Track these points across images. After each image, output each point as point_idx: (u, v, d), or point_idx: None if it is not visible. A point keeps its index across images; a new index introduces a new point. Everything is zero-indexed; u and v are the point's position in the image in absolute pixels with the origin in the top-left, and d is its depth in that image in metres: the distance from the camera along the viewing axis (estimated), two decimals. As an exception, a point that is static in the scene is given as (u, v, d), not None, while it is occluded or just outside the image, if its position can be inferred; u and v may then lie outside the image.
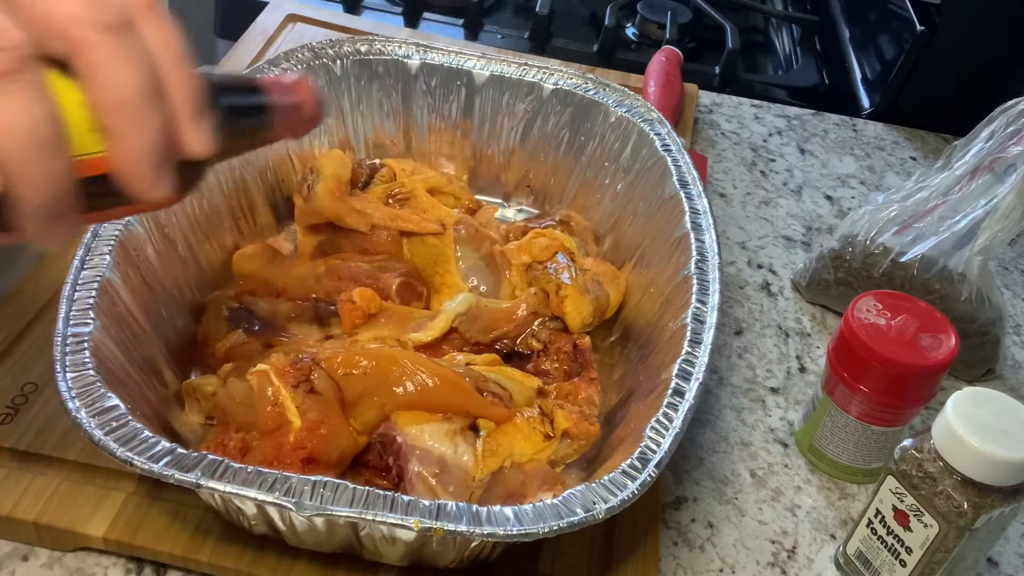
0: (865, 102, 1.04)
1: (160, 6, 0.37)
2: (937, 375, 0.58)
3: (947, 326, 0.59)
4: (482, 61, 0.76)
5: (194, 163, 0.38)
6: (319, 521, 0.45)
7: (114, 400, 0.47)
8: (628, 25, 1.14)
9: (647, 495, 0.47)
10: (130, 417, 0.47)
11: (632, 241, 0.69)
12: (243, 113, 0.42)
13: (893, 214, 0.72)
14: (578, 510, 0.45)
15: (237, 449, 0.51)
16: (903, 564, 0.52)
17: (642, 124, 0.71)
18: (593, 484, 0.47)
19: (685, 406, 0.51)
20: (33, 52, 0.33)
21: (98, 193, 0.36)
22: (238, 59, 0.87)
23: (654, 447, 0.49)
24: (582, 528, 0.45)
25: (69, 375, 0.48)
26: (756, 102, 1.02)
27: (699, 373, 0.53)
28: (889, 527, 0.53)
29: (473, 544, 0.47)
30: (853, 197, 0.90)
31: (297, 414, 0.51)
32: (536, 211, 0.78)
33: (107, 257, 0.54)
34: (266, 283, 0.64)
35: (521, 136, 0.77)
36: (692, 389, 0.52)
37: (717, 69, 1.07)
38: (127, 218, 0.56)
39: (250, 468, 0.45)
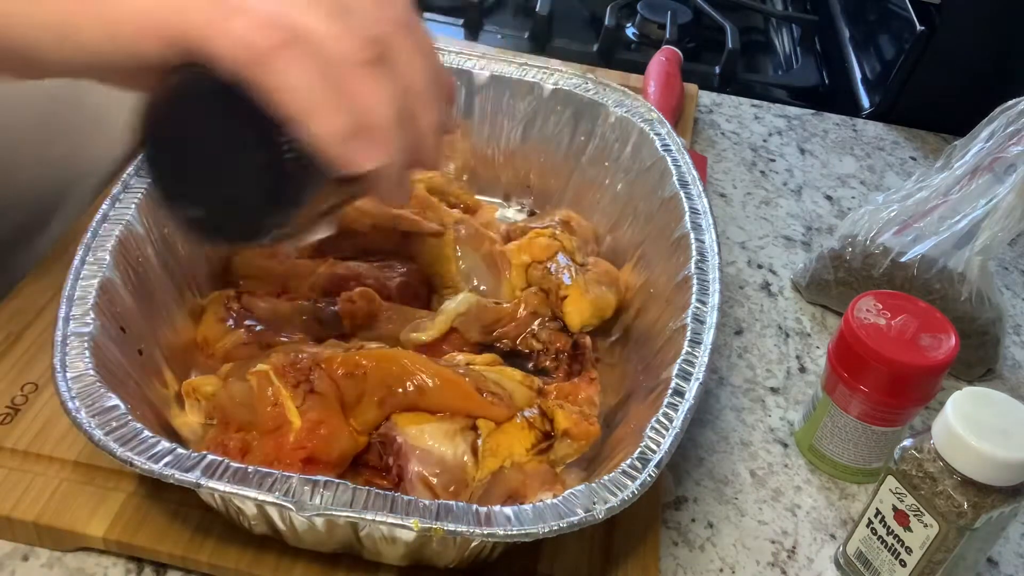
0: (865, 102, 1.04)
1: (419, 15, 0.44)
2: (937, 375, 0.58)
3: (947, 326, 0.59)
4: (482, 61, 0.76)
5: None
6: (319, 521, 0.45)
7: (114, 400, 0.47)
8: (628, 25, 1.14)
9: (647, 495, 0.47)
10: (130, 417, 0.47)
11: (632, 241, 0.69)
12: None
13: (893, 214, 0.72)
14: (578, 510, 0.45)
15: (237, 449, 0.51)
16: (903, 564, 0.52)
17: (642, 124, 0.71)
18: (593, 484, 0.47)
19: (685, 406, 0.51)
20: None
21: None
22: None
23: (654, 447, 0.49)
24: (582, 528, 0.45)
25: (69, 375, 0.48)
26: (756, 102, 1.02)
27: (699, 373, 0.53)
28: (889, 527, 0.53)
29: (473, 544, 0.47)
30: (853, 197, 0.90)
31: (297, 414, 0.51)
32: (536, 211, 0.78)
33: (107, 257, 0.54)
34: (266, 283, 0.64)
35: (521, 136, 0.77)
36: (692, 389, 0.52)
37: (717, 69, 1.07)
38: (127, 218, 0.57)
39: (250, 468, 0.45)
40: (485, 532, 0.44)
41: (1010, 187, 0.66)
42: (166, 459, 0.45)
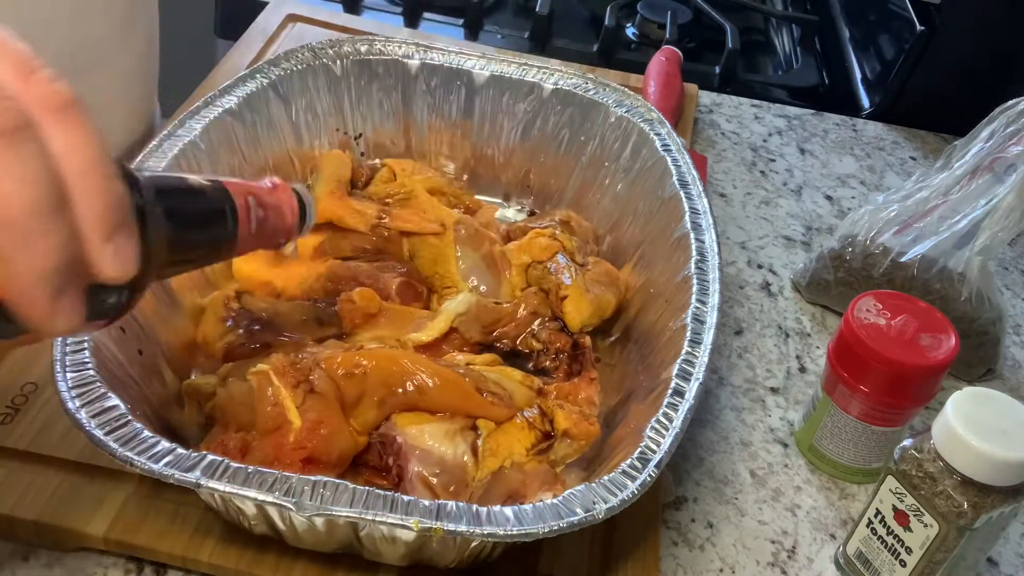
0: (865, 102, 1.04)
1: (77, 107, 0.31)
2: (937, 375, 0.58)
3: (947, 326, 0.59)
4: (482, 61, 0.76)
5: (119, 285, 0.33)
6: (319, 521, 0.45)
7: (114, 400, 0.47)
8: (628, 25, 1.14)
9: (647, 495, 0.47)
10: (130, 417, 0.47)
11: (632, 241, 0.69)
12: (194, 223, 0.37)
13: (893, 214, 0.72)
14: (578, 510, 0.45)
15: (237, 449, 0.51)
16: (903, 564, 0.52)
17: (642, 124, 0.71)
18: (593, 484, 0.47)
19: (685, 406, 0.51)
20: None
21: None
22: (238, 59, 0.87)
23: (654, 447, 0.49)
24: (582, 528, 0.45)
25: (69, 375, 0.48)
26: (756, 102, 1.02)
27: (699, 373, 0.53)
28: (889, 527, 0.53)
29: (473, 544, 0.47)
30: (853, 197, 0.90)
31: (297, 414, 0.51)
32: (536, 211, 0.78)
33: (107, 257, 0.54)
34: (266, 283, 0.64)
35: (521, 136, 0.77)
36: (692, 389, 0.52)
37: (717, 69, 1.07)
38: None
39: (250, 468, 0.45)
40: (485, 532, 0.44)
41: (1010, 187, 0.66)
42: (166, 459, 0.45)
